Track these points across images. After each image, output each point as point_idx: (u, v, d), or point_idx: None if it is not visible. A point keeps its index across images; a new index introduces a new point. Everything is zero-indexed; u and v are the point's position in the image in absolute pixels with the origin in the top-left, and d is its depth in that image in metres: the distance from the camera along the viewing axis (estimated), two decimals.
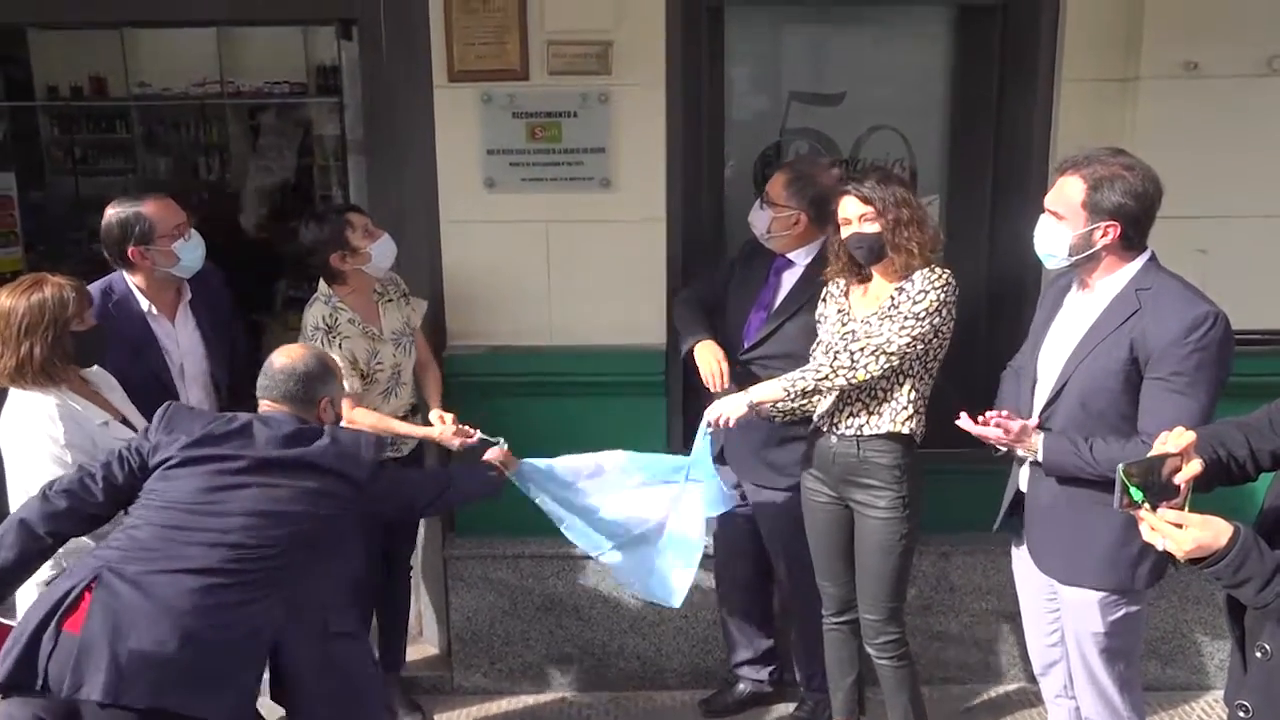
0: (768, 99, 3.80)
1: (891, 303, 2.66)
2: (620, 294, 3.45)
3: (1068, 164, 2.39)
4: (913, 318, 2.61)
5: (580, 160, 3.42)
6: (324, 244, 2.99)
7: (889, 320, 2.64)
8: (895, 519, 2.77)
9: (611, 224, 3.43)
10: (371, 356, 3.06)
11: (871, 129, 3.73)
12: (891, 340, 2.61)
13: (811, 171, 2.93)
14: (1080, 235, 2.35)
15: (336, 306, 3.03)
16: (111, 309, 2.76)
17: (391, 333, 3.13)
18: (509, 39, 3.32)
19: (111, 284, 2.82)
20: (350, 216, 3.03)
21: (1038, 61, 3.41)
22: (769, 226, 2.95)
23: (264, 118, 8.11)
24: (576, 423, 3.52)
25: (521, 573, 3.66)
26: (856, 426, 2.76)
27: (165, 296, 2.87)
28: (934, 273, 2.65)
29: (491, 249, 3.48)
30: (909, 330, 2.61)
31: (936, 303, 2.62)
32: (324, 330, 3.00)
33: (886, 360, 2.62)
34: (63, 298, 2.43)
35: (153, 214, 2.77)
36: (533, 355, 3.51)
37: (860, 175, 2.73)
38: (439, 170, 3.45)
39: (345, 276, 3.04)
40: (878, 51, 3.76)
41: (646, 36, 3.33)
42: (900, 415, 2.71)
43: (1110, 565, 2.42)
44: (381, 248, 3.07)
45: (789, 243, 2.96)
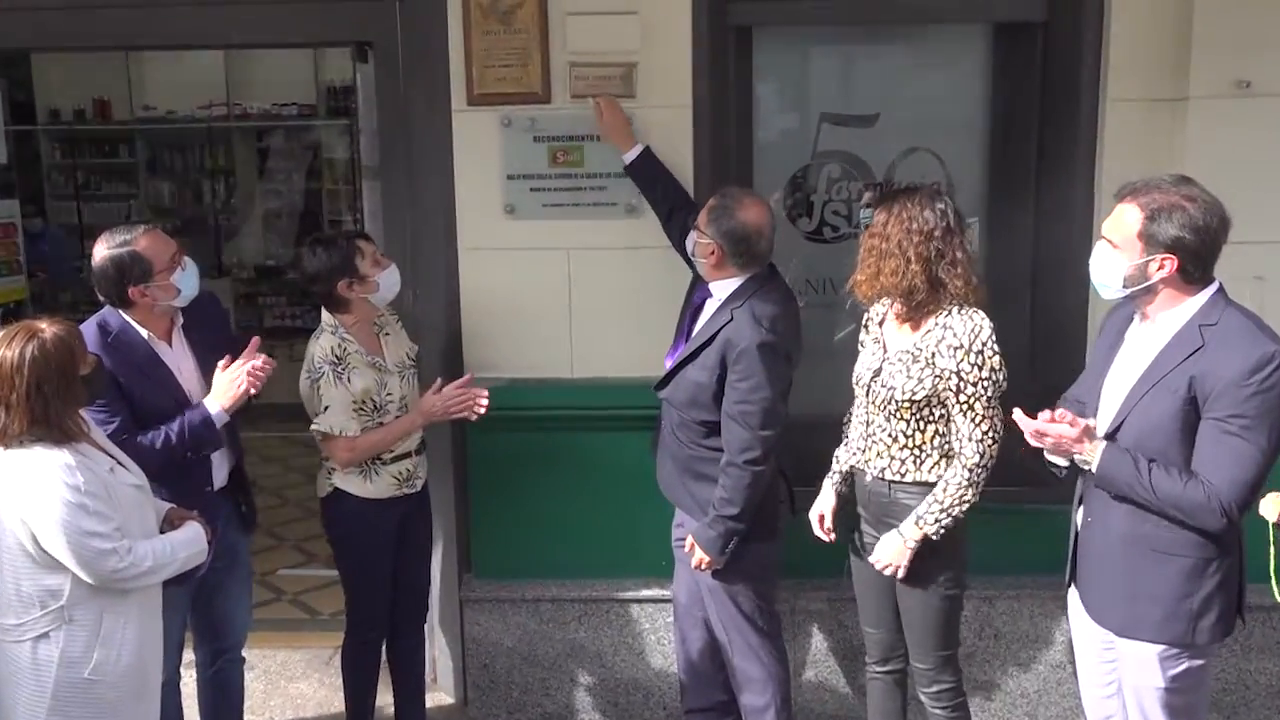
0: (798, 121, 3.82)
1: (925, 354, 2.66)
2: (645, 325, 3.46)
3: (1126, 190, 2.38)
4: (978, 401, 2.62)
5: (604, 185, 3.45)
6: (331, 271, 3.00)
7: (943, 386, 2.63)
8: (933, 564, 2.75)
9: (636, 251, 3.46)
10: (380, 388, 3.08)
11: (906, 151, 3.75)
12: (975, 440, 2.64)
13: (734, 205, 2.85)
14: (1136, 266, 2.34)
15: (344, 338, 3.05)
16: (112, 343, 2.78)
17: (395, 364, 3.15)
18: (530, 61, 3.36)
19: (105, 319, 2.82)
20: (360, 243, 3.05)
21: (1080, 80, 3.42)
22: (693, 250, 2.97)
23: (272, 140, 8.23)
24: (599, 458, 3.54)
25: (542, 617, 3.65)
26: (879, 469, 2.77)
27: (161, 325, 2.89)
28: (972, 319, 2.65)
29: (511, 278, 3.51)
30: (981, 413, 2.63)
31: (992, 368, 2.63)
32: (333, 363, 3.01)
33: (988, 458, 2.65)
34: (65, 344, 2.35)
35: (147, 250, 2.78)
36: (553, 388, 3.52)
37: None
38: (457, 196, 3.48)
39: (349, 306, 3.06)
40: (912, 71, 3.78)
41: (672, 57, 3.37)
42: (926, 463, 2.71)
43: (1170, 618, 2.38)
44: (389, 277, 3.09)
45: (708, 271, 2.92)
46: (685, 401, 2.95)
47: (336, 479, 3.10)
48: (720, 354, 2.84)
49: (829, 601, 3.59)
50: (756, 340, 2.78)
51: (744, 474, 2.82)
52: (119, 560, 2.36)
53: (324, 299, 3.07)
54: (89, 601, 2.38)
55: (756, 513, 2.88)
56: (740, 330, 2.81)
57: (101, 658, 2.39)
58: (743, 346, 2.79)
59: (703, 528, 2.91)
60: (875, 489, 2.79)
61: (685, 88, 3.39)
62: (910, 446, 2.71)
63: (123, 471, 2.49)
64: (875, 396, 2.74)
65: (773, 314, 2.84)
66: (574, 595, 3.61)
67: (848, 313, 3.30)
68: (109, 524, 2.35)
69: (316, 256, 3.02)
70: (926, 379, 2.65)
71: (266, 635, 3.94)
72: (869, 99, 3.76)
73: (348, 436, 3.02)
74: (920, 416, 2.68)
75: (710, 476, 2.91)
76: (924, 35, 3.75)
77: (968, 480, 2.65)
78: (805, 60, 3.85)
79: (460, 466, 3.61)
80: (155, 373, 2.83)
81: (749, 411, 2.80)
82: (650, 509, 3.46)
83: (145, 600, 2.50)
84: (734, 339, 2.81)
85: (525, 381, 3.51)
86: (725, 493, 2.85)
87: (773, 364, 2.80)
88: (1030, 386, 3.47)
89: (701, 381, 2.88)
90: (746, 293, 2.88)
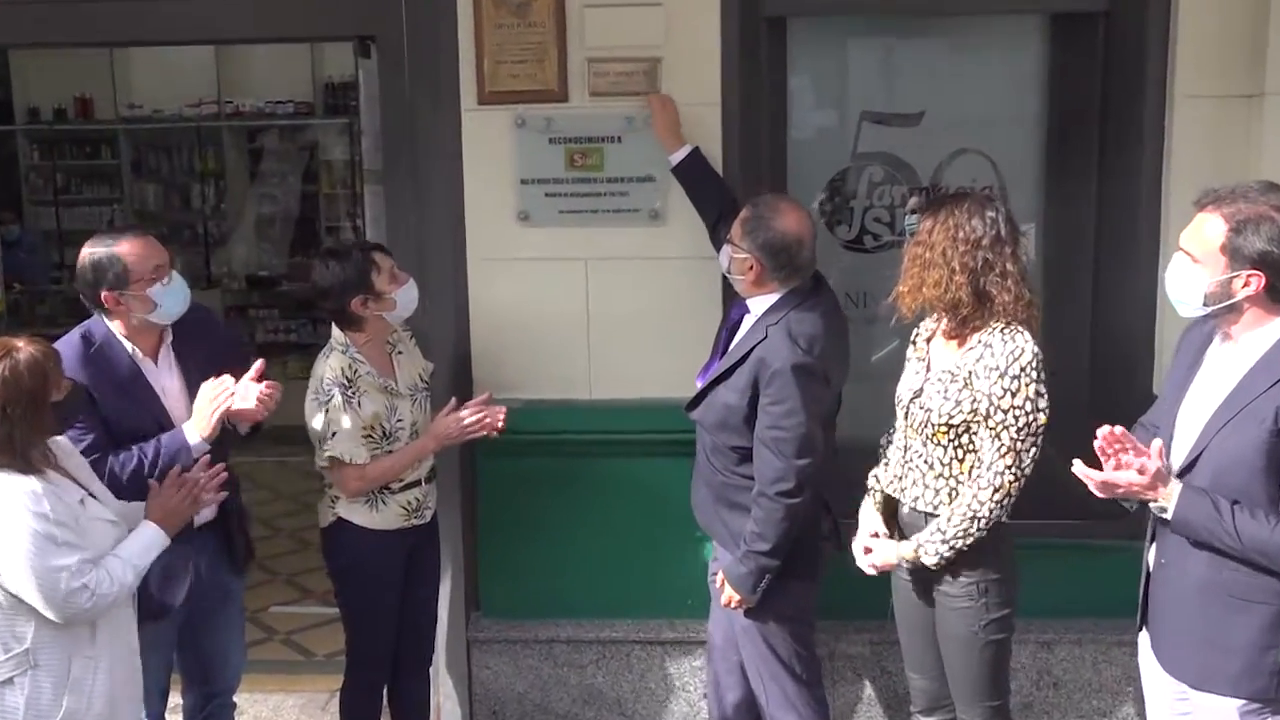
0: (836, 119, 3.84)
1: (963, 373, 2.65)
2: (670, 341, 3.47)
3: (1208, 199, 2.36)
4: (1006, 431, 2.60)
5: (625, 190, 3.47)
6: (345, 286, 3.01)
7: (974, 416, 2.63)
8: (973, 607, 2.72)
9: (661, 262, 3.47)
10: (391, 413, 3.09)
11: (955, 153, 3.76)
12: (994, 472, 2.62)
13: (771, 213, 2.86)
14: (1218, 283, 2.32)
15: (355, 358, 3.07)
16: (93, 355, 2.80)
17: (407, 387, 3.16)
18: (546, 56, 3.39)
19: (90, 329, 2.85)
20: (376, 257, 3.05)
21: (1146, 75, 3.41)
22: (729, 266, 2.97)
23: (266, 140, 8.32)
24: (619, 487, 3.54)
25: (556, 660, 3.65)
26: (914, 498, 2.76)
27: (147, 340, 2.90)
28: (1014, 340, 2.64)
29: (525, 290, 3.52)
30: (1007, 444, 2.61)
31: (1028, 396, 2.60)
32: (343, 385, 3.02)
33: (1005, 495, 2.63)
34: (39, 367, 2.34)
35: (128, 255, 2.79)
36: (571, 410, 3.53)
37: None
38: (466, 202, 3.51)
39: (362, 324, 3.07)
40: (960, 66, 3.79)
41: (699, 52, 3.39)
42: (967, 495, 2.70)
43: (1251, 671, 2.33)
44: (407, 294, 3.11)
45: (746, 287, 2.93)
46: (715, 424, 2.95)
47: (340, 508, 3.12)
48: (753, 374, 2.84)
49: (872, 645, 3.57)
50: (791, 361, 2.78)
51: (776, 506, 2.81)
52: (88, 598, 2.36)
53: (335, 316, 3.07)
54: (55, 645, 2.38)
55: (794, 548, 2.87)
56: (774, 349, 2.81)
57: (72, 706, 2.39)
58: (776, 367, 2.79)
59: (734, 563, 2.91)
60: (911, 520, 2.78)
61: (714, 84, 3.40)
62: (946, 476, 2.70)
63: (95, 505, 2.49)
64: (913, 419, 2.74)
65: (811, 333, 2.84)
66: (591, 636, 3.61)
67: (891, 329, 3.30)
68: (77, 555, 2.35)
69: (329, 270, 3.02)
70: (964, 401, 2.64)
71: (258, 678, 3.95)
72: (914, 96, 3.77)
73: (358, 464, 3.03)
74: (958, 444, 2.67)
75: (744, 506, 2.91)
76: (974, 26, 3.75)
77: (974, 514, 2.63)
78: (844, 53, 3.86)
79: (468, 495, 3.62)
80: (136, 390, 2.85)
81: (782, 438, 2.79)
82: (675, 542, 3.47)
83: (117, 643, 2.49)
84: (767, 358, 2.81)
85: (539, 403, 3.51)
86: (757, 526, 2.85)
87: (808, 387, 2.79)
88: (1089, 409, 3.46)
89: (732, 403, 2.88)
90: (785, 308, 2.88)
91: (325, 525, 3.17)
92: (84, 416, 2.70)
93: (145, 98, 8.16)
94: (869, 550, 2.83)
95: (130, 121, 8.22)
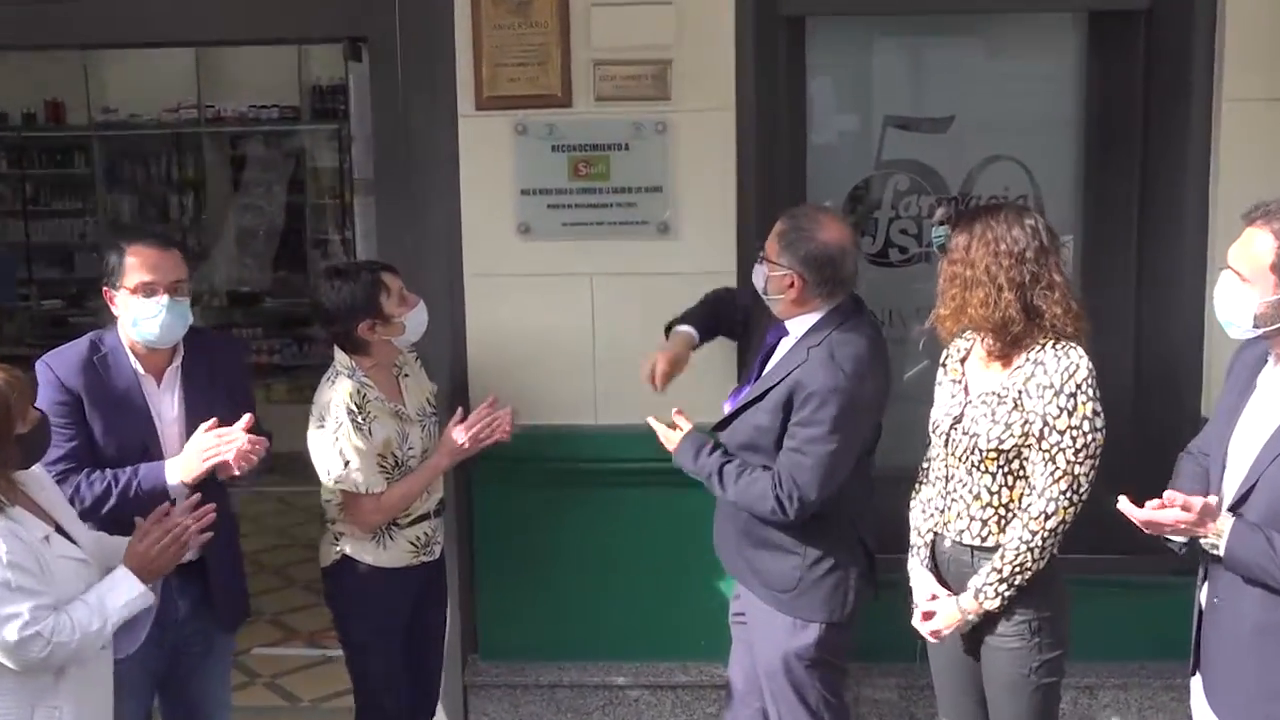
0: (859, 125, 3.86)
1: (1012, 394, 2.65)
2: None
3: (1258, 213, 2.36)
4: (1061, 453, 2.59)
5: (633, 201, 3.50)
6: (353, 310, 3.01)
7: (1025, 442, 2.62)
8: (1023, 649, 2.71)
9: (670, 278, 3.48)
10: (403, 440, 3.10)
11: (986, 160, 3.78)
12: (1048, 498, 2.61)
13: (810, 224, 2.86)
14: (1269, 304, 2.32)
15: (364, 382, 3.06)
16: (97, 363, 2.86)
17: (416, 412, 3.18)
18: (549, 59, 3.42)
19: (102, 336, 2.92)
20: (385, 277, 3.06)
21: (1191, 77, 3.44)
22: (765, 286, 2.95)
23: (249, 147, 8.35)
24: (627, 520, 3.55)
25: (559, 706, 3.65)
26: (958, 531, 2.75)
27: (154, 358, 2.94)
28: (1068, 355, 2.63)
29: (525, 307, 3.55)
30: (1063, 468, 2.60)
31: (1085, 415, 2.60)
32: (353, 412, 3.00)
33: (1060, 523, 2.62)
34: (5, 398, 2.33)
35: (128, 260, 2.85)
36: (574, 436, 3.55)
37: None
38: (464, 213, 3.54)
39: (369, 348, 3.08)
40: (992, 67, 3.82)
41: (713, 54, 3.42)
42: (1019, 525, 2.69)
43: None
44: (416, 317, 3.12)
45: (785, 307, 2.91)
46: (742, 444, 2.94)
47: (347, 545, 3.10)
48: (787, 395, 2.82)
49: (900, 690, 3.56)
50: (830, 385, 2.76)
51: (766, 506, 2.83)
52: (42, 646, 2.33)
53: (340, 340, 3.08)
54: (16, 693, 2.37)
55: (829, 593, 2.89)
56: (813, 373, 2.79)
57: None
58: (812, 389, 2.78)
59: (696, 442, 2.97)
60: (955, 555, 2.77)
61: (728, 88, 3.43)
62: (995, 505, 2.69)
63: (61, 542, 2.46)
64: (955, 446, 2.72)
65: (857, 355, 2.82)
66: (597, 680, 3.61)
67: (921, 350, 3.31)
68: (31, 602, 2.32)
69: (337, 292, 3.02)
70: (1015, 424, 2.63)
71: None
72: (942, 99, 3.79)
73: (374, 494, 3.03)
74: (1007, 470, 2.67)
75: (773, 543, 2.91)
76: (1007, 25, 3.78)
77: (1028, 544, 2.62)
78: (868, 54, 3.89)
79: (465, 529, 3.63)
80: (130, 408, 2.88)
81: (801, 464, 2.79)
82: (689, 578, 3.49)
83: (87, 693, 2.48)
84: (805, 380, 2.80)
85: (542, 429, 3.53)
86: (740, 484, 2.86)
87: (844, 415, 2.77)
88: (1134, 434, 3.47)
89: (763, 424, 2.87)
90: (827, 328, 2.86)
91: (328, 564, 3.16)
92: (69, 424, 2.75)
93: (120, 102, 8.19)
94: (929, 615, 2.79)
95: (104, 127, 8.25)
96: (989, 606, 2.66)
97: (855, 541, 2.95)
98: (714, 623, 3.28)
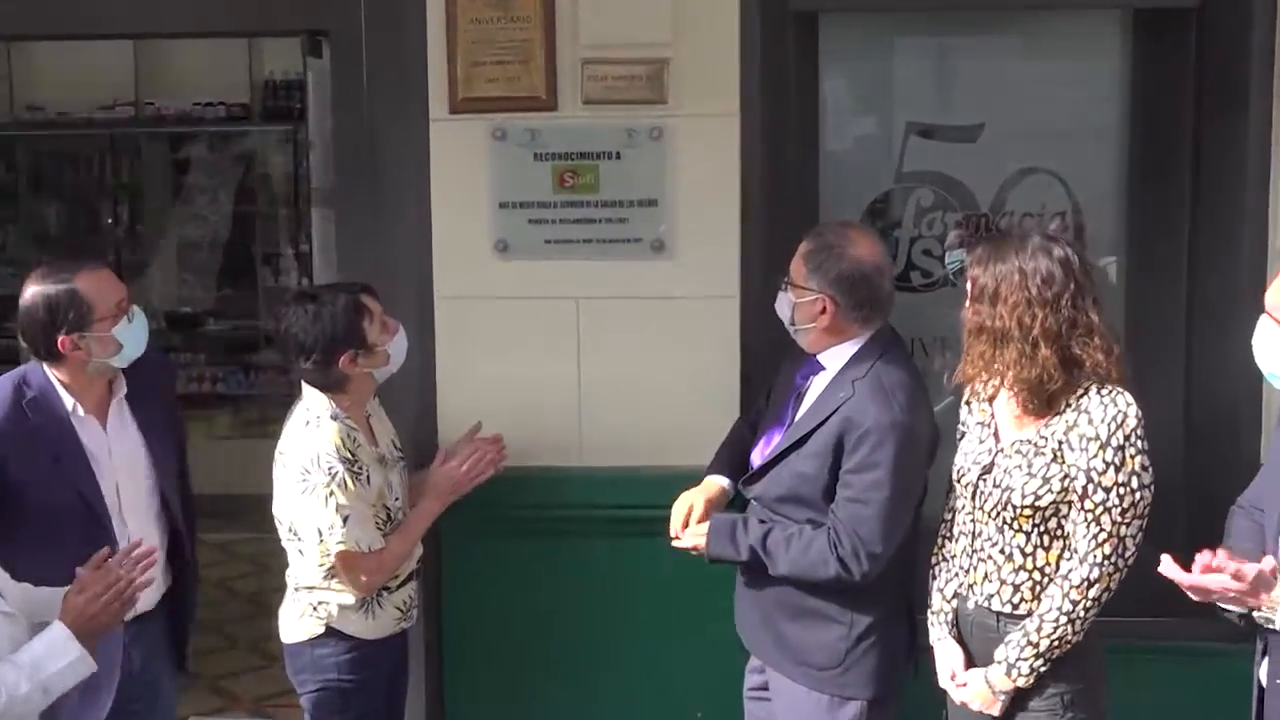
0: (878, 133, 3.89)
1: (1051, 444, 2.65)
2: (677, 397, 3.50)
3: None
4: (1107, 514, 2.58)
5: (624, 216, 3.52)
6: (334, 340, 2.94)
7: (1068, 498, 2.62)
8: None
9: (666, 303, 3.51)
10: (390, 489, 3.08)
11: (1020, 172, 3.80)
12: (1090, 563, 2.60)
13: (840, 241, 2.86)
14: None
15: (349, 425, 3.03)
16: (27, 408, 2.85)
17: (390, 453, 3.17)
18: (532, 57, 3.44)
19: (26, 376, 2.91)
20: (366, 301, 3.03)
21: (1247, 81, 3.48)
22: (792, 315, 2.93)
23: (192, 150, 8.35)
24: (618, 575, 3.55)
25: None
26: (986, 595, 2.75)
27: (94, 391, 2.95)
28: (1115, 404, 2.62)
29: (502, 335, 3.56)
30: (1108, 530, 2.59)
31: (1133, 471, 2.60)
32: (348, 461, 2.94)
33: (1103, 591, 2.61)
34: None
35: (89, 291, 2.87)
36: (557, 480, 3.55)
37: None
38: (434, 229, 3.55)
39: (346, 383, 3.03)
40: (1027, 70, 3.85)
41: (715, 52, 3.44)
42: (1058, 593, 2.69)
43: None
44: (398, 346, 3.11)
45: (816, 338, 2.90)
46: (782, 496, 2.90)
47: (334, 616, 3.04)
48: (836, 437, 2.79)
49: None
50: (887, 420, 2.75)
51: (827, 573, 2.78)
52: None
53: (315, 375, 3.01)
54: None
55: (873, 668, 2.86)
56: (863, 407, 2.77)
57: None
58: (867, 426, 2.75)
59: (727, 525, 2.92)
60: (980, 620, 2.77)
61: (732, 91, 3.45)
62: (1029, 569, 2.68)
63: None
64: (984, 500, 2.72)
65: (910, 386, 2.82)
66: None
67: (947, 384, 3.32)
68: None
69: (313, 319, 2.94)
70: (1054, 478, 2.62)
71: None
72: (970, 105, 3.83)
73: (375, 552, 2.99)
74: (1043, 529, 2.66)
75: (816, 613, 2.87)
76: (1043, 24, 3.82)
77: (1068, 616, 2.61)
78: (888, 54, 3.92)
79: (431, 588, 3.59)
80: (65, 456, 2.88)
81: (862, 515, 2.76)
82: (684, 641, 3.50)
83: None
84: (856, 417, 2.77)
85: (521, 471, 3.49)
86: (791, 553, 2.82)
87: (905, 453, 2.76)
88: (1185, 483, 3.48)
89: (808, 473, 2.84)
90: (870, 358, 2.85)
91: (305, 639, 3.08)
92: None
93: (48, 98, 8.18)
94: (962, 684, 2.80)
95: (29, 126, 8.24)
96: (1022, 684, 2.66)
97: (905, 606, 2.93)
98: (714, 691, 3.30)
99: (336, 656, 3.07)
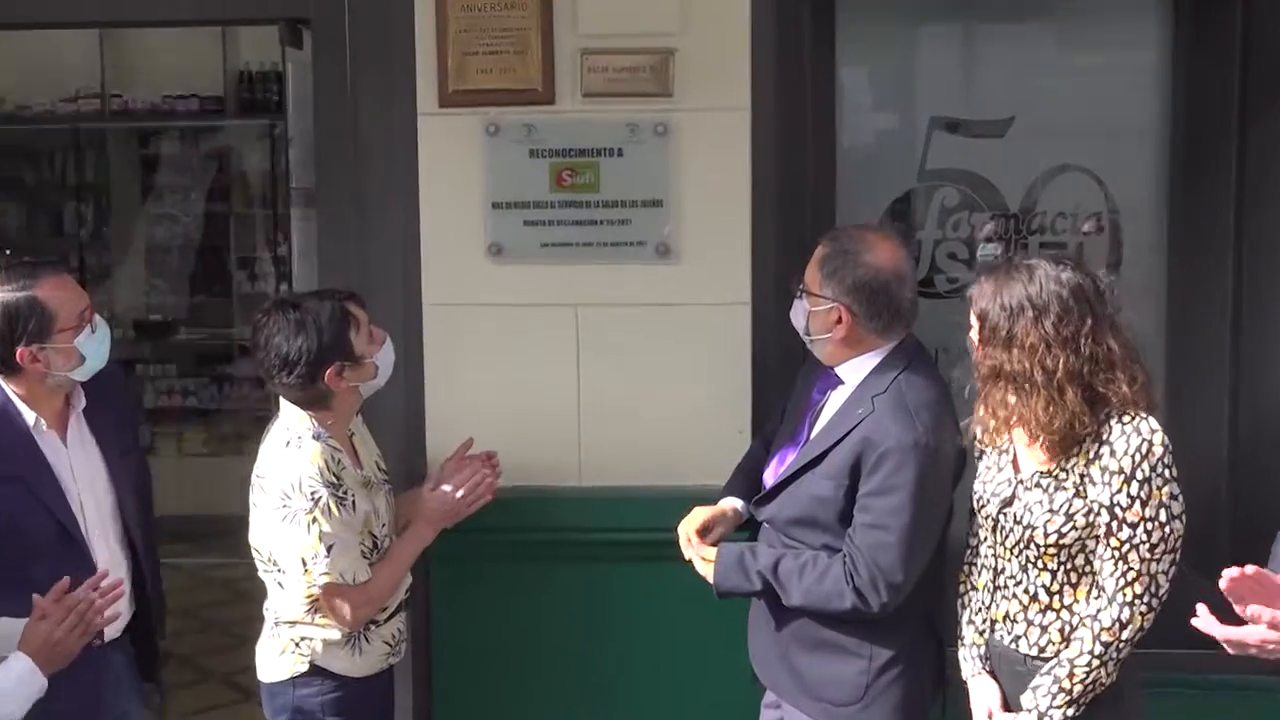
0: (899, 128, 3.89)
1: (1073, 477, 2.62)
2: (684, 413, 3.48)
3: None
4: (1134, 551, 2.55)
5: (627, 217, 3.50)
6: (321, 352, 2.90)
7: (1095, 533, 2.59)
8: None
9: (671, 309, 3.49)
10: (376, 516, 3.04)
11: (1053, 170, 3.79)
12: (1118, 604, 2.57)
13: (857, 246, 2.86)
14: None
15: (332, 445, 2.98)
16: None
17: (375, 476, 3.14)
18: (528, 47, 3.43)
19: None
20: (352, 309, 2.99)
21: None
22: (807, 324, 2.94)
23: (162, 146, 8.35)
24: (619, 602, 3.53)
25: None
26: (1013, 635, 2.72)
27: (53, 405, 2.93)
28: (1139, 432, 2.58)
29: (496, 344, 3.53)
30: (1137, 569, 2.55)
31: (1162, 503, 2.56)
32: (333, 485, 2.91)
33: (1135, 631, 2.59)
34: None
35: (51, 300, 2.85)
36: (554, 501, 3.53)
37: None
38: (423, 230, 3.53)
39: (330, 399, 3.00)
40: (1060, 61, 3.84)
41: (724, 42, 3.43)
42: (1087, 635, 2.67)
43: None
44: (386, 357, 3.08)
45: (833, 350, 2.90)
46: (795, 519, 2.89)
47: (318, 653, 3.00)
48: (853, 457, 2.78)
49: None
50: (909, 440, 2.72)
51: (843, 605, 2.77)
52: None
53: (297, 390, 2.96)
54: None
55: (901, 703, 2.85)
56: (883, 426, 2.76)
57: None
58: (887, 446, 2.73)
59: (734, 554, 2.91)
60: (1008, 656, 2.75)
61: (743, 83, 3.44)
62: (1056, 609, 2.66)
63: None
64: (1006, 535, 2.70)
65: (936, 403, 2.81)
66: None
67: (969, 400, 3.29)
68: None
69: (299, 331, 2.89)
70: (1077, 514, 2.59)
71: None
72: (998, 98, 3.81)
73: (361, 584, 2.95)
74: (1070, 566, 2.63)
75: (833, 645, 2.86)
76: (1076, 11, 3.80)
77: (1101, 659, 2.58)
78: (910, 44, 3.92)
79: (420, 618, 3.57)
80: (30, 476, 2.86)
81: (882, 542, 2.74)
82: (690, 671, 3.49)
83: None
84: (875, 437, 2.76)
85: (516, 492, 3.46)
86: (804, 582, 2.81)
87: (928, 476, 2.74)
88: (1230, 511, 3.46)
89: (824, 495, 2.83)
90: (892, 371, 2.84)
91: (286, 678, 3.05)
92: None
93: (7, 90, 8.19)
94: None
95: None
96: None
97: (931, 636, 2.91)
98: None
99: (321, 696, 3.04)
